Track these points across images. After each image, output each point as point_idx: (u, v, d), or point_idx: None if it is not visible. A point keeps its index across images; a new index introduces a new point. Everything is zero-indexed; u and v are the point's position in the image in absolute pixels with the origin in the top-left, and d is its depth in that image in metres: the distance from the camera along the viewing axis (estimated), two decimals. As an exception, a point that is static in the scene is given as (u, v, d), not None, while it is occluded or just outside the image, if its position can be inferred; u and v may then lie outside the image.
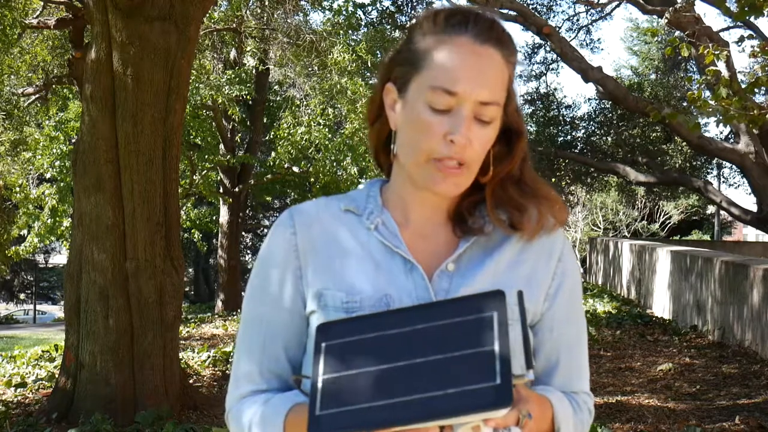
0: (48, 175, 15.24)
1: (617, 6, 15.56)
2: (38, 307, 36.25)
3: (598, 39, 49.79)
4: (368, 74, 13.53)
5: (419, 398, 0.97)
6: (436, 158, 1.16)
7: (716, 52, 6.54)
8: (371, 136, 1.30)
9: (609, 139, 18.11)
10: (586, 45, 20.01)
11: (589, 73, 12.16)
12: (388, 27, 14.58)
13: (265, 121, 18.20)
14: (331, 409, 0.98)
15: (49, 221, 14.62)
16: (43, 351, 10.00)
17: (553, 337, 1.26)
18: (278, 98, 18.68)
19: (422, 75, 1.17)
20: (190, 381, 7.37)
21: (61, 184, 14.36)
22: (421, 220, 1.25)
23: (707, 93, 6.68)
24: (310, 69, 12.97)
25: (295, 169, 16.18)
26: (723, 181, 22.89)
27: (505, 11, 12.84)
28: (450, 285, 1.20)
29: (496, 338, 1.00)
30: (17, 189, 14.75)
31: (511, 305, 1.11)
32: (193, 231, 18.30)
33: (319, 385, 1.01)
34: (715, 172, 22.23)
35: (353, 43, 12.74)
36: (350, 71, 12.38)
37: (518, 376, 1.03)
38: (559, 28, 16.67)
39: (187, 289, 29.31)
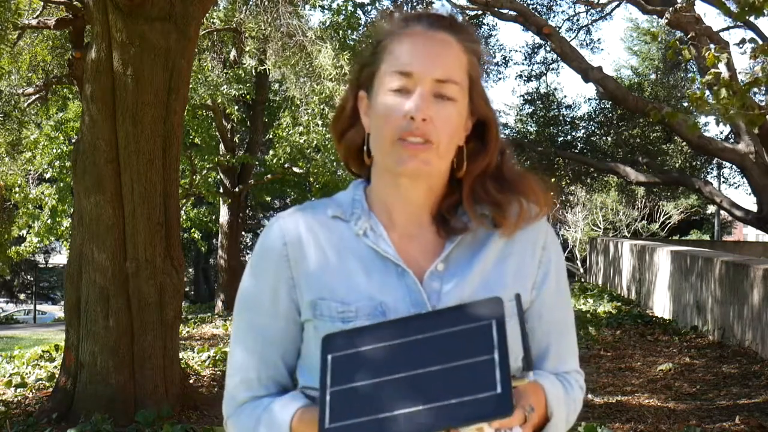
0: (48, 175, 15.24)
1: (617, 6, 15.54)
2: (38, 307, 36.19)
3: (598, 39, 49.77)
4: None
5: (422, 409, 1.00)
6: (400, 138, 1.17)
7: (717, 54, 6.53)
8: (342, 148, 1.32)
9: (609, 139, 18.08)
10: (586, 45, 19.93)
11: (589, 73, 12.14)
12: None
13: (265, 120, 18.20)
14: (339, 422, 1.02)
15: (48, 221, 14.62)
16: (43, 351, 9.99)
17: (543, 323, 1.28)
18: (278, 98, 18.66)
19: (381, 68, 1.22)
20: (190, 381, 7.37)
21: (61, 184, 14.37)
22: (406, 221, 1.26)
23: (707, 94, 6.67)
24: (309, 69, 12.92)
25: (295, 169, 16.18)
26: (723, 181, 22.84)
27: (505, 11, 12.84)
28: (441, 285, 1.21)
29: (495, 346, 1.03)
30: (17, 189, 14.73)
31: (509, 306, 1.13)
32: (192, 231, 18.30)
33: (327, 398, 1.04)
34: (715, 172, 22.17)
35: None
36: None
37: (518, 378, 1.05)
38: (559, 28, 16.64)
39: (187, 289, 29.27)
